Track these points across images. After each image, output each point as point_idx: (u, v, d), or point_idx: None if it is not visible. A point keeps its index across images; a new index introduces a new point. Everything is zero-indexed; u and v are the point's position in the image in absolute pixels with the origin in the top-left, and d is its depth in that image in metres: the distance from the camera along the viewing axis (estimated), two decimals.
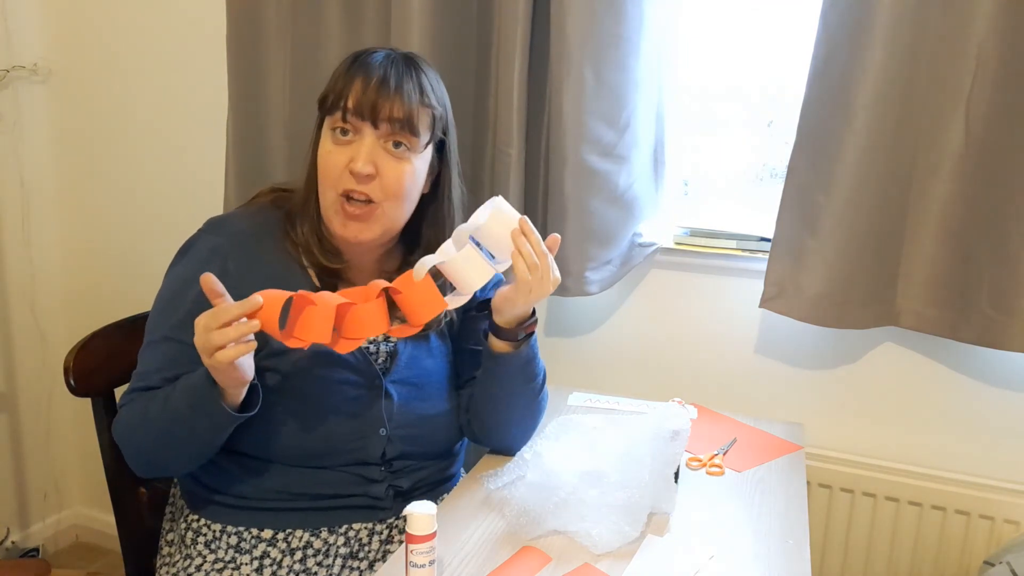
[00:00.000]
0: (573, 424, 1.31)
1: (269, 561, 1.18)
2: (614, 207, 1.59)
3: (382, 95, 1.12)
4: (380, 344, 1.24)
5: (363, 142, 1.13)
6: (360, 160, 1.12)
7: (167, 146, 2.05)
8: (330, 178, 1.15)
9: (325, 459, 1.20)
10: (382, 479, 1.23)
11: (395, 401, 1.22)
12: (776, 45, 1.64)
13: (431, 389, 1.27)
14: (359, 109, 1.12)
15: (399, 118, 1.13)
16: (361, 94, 1.12)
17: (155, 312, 1.20)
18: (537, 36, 1.56)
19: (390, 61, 1.16)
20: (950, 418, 1.57)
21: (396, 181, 1.15)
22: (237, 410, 1.08)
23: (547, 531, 1.10)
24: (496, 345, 1.22)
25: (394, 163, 1.14)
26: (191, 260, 1.19)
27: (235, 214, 1.28)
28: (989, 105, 1.35)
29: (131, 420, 1.15)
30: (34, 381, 2.22)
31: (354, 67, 1.15)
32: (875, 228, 1.45)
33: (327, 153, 1.15)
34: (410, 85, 1.14)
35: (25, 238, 2.15)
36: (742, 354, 1.68)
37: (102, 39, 2.06)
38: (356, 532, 1.22)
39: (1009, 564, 1.33)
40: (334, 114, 1.14)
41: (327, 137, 1.16)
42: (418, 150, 1.16)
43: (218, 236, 1.20)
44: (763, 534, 1.14)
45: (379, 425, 1.21)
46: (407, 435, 1.23)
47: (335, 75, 1.17)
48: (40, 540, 2.30)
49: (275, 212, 1.24)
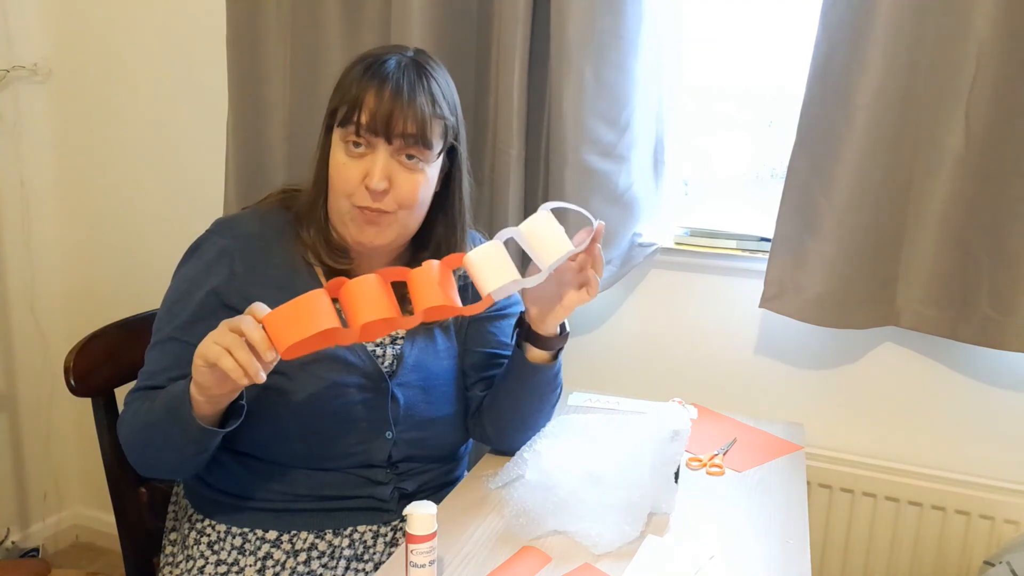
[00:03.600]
0: (573, 424, 1.31)
1: (272, 562, 1.18)
2: (614, 207, 1.59)
3: (396, 110, 1.11)
4: (387, 347, 1.24)
5: (377, 157, 1.12)
6: (376, 178, 1.11)
7: (167, 146, 2.05)
8: (344, 191, 1.14)
9: (330, 461, 1.19)
10: (387, 481, 1.22)
11: (401, 404, 1.22)
12: (776, 45, 1.64)
13: (438, 392, 1.26)
14: (373, 125, 1.11)
15: (412, 133, 1.12)
16: (375, 108, 1.11)
17: (162, 312, 1.20)
18: (537, 36, 1.56)
19: (401, 70, 1.14)
20: (950, 418, 1.57)
21: (410, 193, 1.15)
22: (218, 425, 1.07)
23: (547, 531, 1.10)
24: (534, 355, 1.22)
25: (407, 175, 1.14)
26: (198, 261, 1.19)
27: (243, 215, 1.27)
28: (989, 105, 1.35)
29: (127, 419, 1.15)
30: (34, 381, 2.22)
31: (366, 76, 1.13)
32: (875, 228, 1.45)
33: (341, 165, 1.14)
34: (423, 97, 1.13)
35: (25, 238, 2.15)
36: (742, 354, 1.68)
37: (102, 39, 2.06)
38: (361, 534, 1.22)
39: (1009, 564, 1.33)
40: (347, 127, 1.13)
41: (339, 148, 1.14)
42: (431, 160, 1.16)
43: (225, 237, 1.20)
44: (763, 534, 1.14)
45: (385, 428, 1.21)
46: (413, 438, 1.23)
47: (346, 83, 1.15)
48: (40, 540, 2.30)
49: (284, 213, 1.24)
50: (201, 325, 1.13)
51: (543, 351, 1.21)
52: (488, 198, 1.65)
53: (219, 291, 1.16)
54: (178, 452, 1.10)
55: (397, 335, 1.25)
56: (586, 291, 1.14)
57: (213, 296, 1.16)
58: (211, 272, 1.17)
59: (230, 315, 1.11)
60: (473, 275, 1.03)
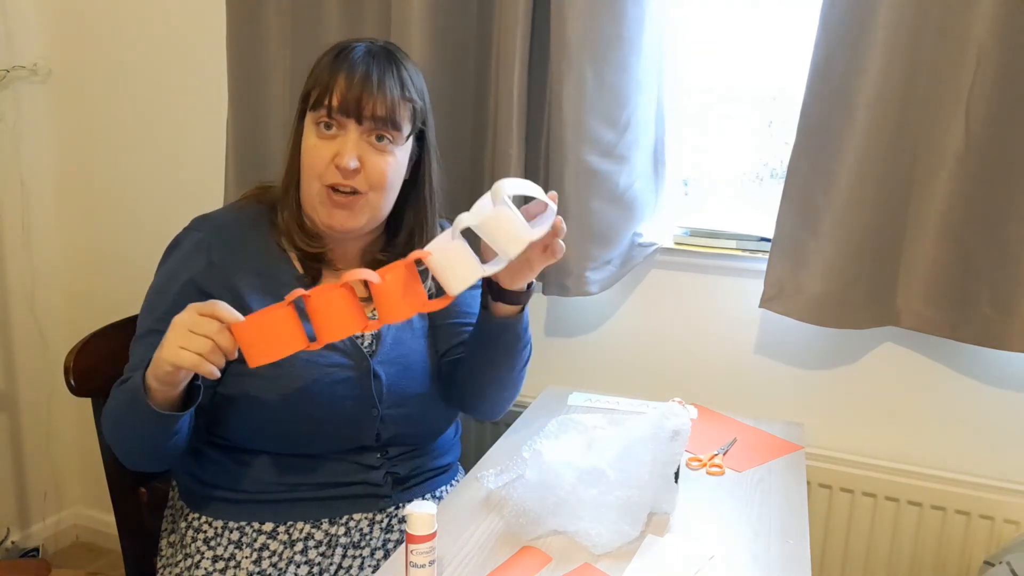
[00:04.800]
0: (573, 424, 1.31)
1: (268, 553, 1.19)
2: (614, 207, 1.59)
3: (366, 92, 1.15)
4: None
5: (348, 137, 1.16)
6: (346, 156, 1.15)
7: (167, 146, 2.06)
8: (315, 170, 1.18)
9: (319, 445, 1.21)
10: (379, 465, 1.24)
11: (384, 381, 1.23)
12: (776, 45, 1.64)
13: (417, 368, 1.28)
14: (344, 107, 1.15)
15: (382, 115, 1.16)
16: (345, 91, 1.15)
17: (143, 307, 1.23)
18: (537, 36, 1.56)
19: (371, 56, 1.19)
20: (950, 418, 1.57)
21: (380, 173, 1.18)
22: (179, 407, 1.07)
23: (547, 531, 1.10)
24: (501, 311, 1.22)
25: (377, 156, 1.18)
26: (177, 255, 1.23)
27: (220, 210, 1.32)
28: (989, 105, 1.35)
29: (106, 412, 1.17)
30: (34, 381, 2.22)
31: (336, 62, 1.18)
32: (875, 228, 1.45)
33: (312, 147, 1.18)
34: (391, 81, 1.18)
35: (25, 238, 2.15)
36: (742, 354, 1.68)
37: (102, 39, 2.06)
38: (357, 522, 1.22)
39: (1009, 564, 1.33)
40: (318, 110, 1.16)
41: (311, 131, 1.18)
42: (400, 143, 1.20)
43: (201, 230, 1.24)
44: (763, 534, 1.14)
45: (371, 406, 1.22)
46: (399, 415, 1.25)
47: (317, 68, 1.20)
48: (40, 540, 2.30)
49: (259, 205, 1.28)
50: None
51: (511, 306, 1.22)
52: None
53: (196, 280, 1.19)
54: (147, 440, 1.12)
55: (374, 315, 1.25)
56: (552, 254, 1.14)
57: (191, 285, 1.18)
58: (188, 263, 1.20)
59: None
60: (437, 274, 1.03)
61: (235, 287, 1.19)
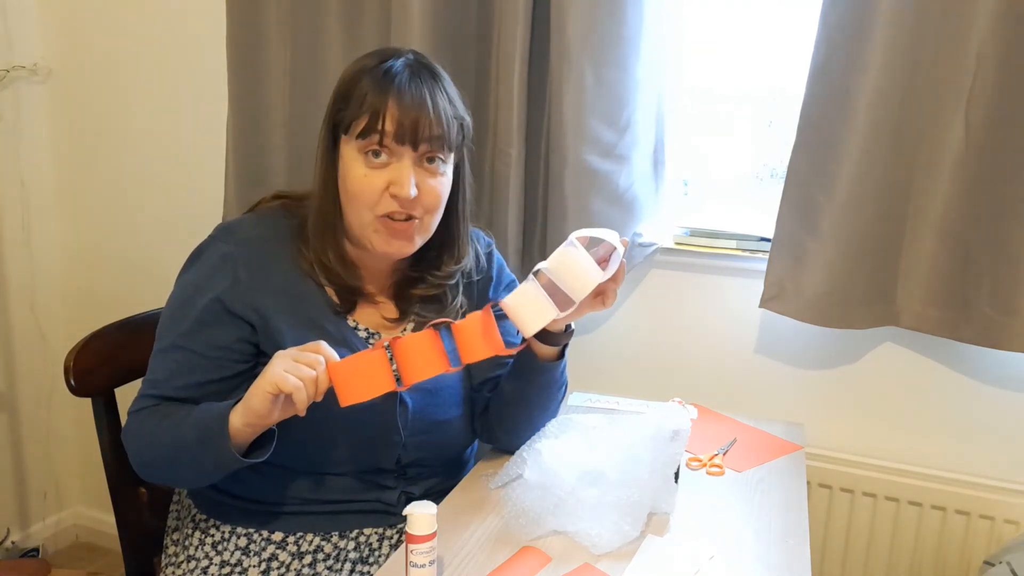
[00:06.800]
0: (573, 424, 1.31)
1: (277, 564, 1.18)
2: (614, 207, 1.59)
3: (422, 117, 1.10)
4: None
5: (403, 164, 1.11)
6: (407, 185, 1.10)
7: (167, 146, 2.05)
8: (367, 202, 1.12)
9: (340, 466, 1.19)
10: (395, 486, 1.23)
11: (410, 408, 1.21)
12: (776, 45, 1.64)
13: (445, 395, 1.26)
14: (399, 134, 1.09)
15: (439, 136, 1.12)
16: (400, 117, 1.09)
17: (164, 318, 1.18)
18: (537, 36, 1.56)
19: (415, 75, 1.12)
20: (950, 418, 1.57)
21: (436, 196, 1.15)
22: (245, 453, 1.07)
23: (547, 531, 1.10)
24: (541, 351, 1.22)
25: (432, 179, 1.14)
26: (202, 267, 1.18)
27: (245, 220, 1.25)
28: (989, 105, 1.35)
29: (140, 431, 1.14)
30: (34, 381, 2.22)
31: (382, 85, 1.10)
32: (875, 228, 1.45)
33: (362, 177, 1.11)
34: (443, 100, 1.13)
35: (25, 238, 2.15)
36: (742, 354, 1.68)
37: (102, 39, 2.06)
38: (367, 537, 1.22)
39: (1009, 564, 1.33)
40: (368, 138, 1.10)
41: (358, 161, 1.12)
42: (450, 161, 1.17)
43: (228, 243, 1.18)
44: (763, 534, 1.14)
45: (394, 432, 1.20)
46: (422, 442, 1.23)
47: (357, 93, 1.11)
48: (40, 540, 2.30)
49: (285, 220, 1.22)
50: (204, 332, 1.13)
51: (550, 348, 1.22)
52: (488, 198, 1.65)
53: (222, 298, 1.15)
54: (204, 475, 1.13)
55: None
56: (602, 301, 1.17)
57: (217, 303, 1.14)
58: (214, 278, 1.16)
59: (234, 322, 1.14)
60: (513, 318, 1.09)
61: (260, 307, 1.15)
